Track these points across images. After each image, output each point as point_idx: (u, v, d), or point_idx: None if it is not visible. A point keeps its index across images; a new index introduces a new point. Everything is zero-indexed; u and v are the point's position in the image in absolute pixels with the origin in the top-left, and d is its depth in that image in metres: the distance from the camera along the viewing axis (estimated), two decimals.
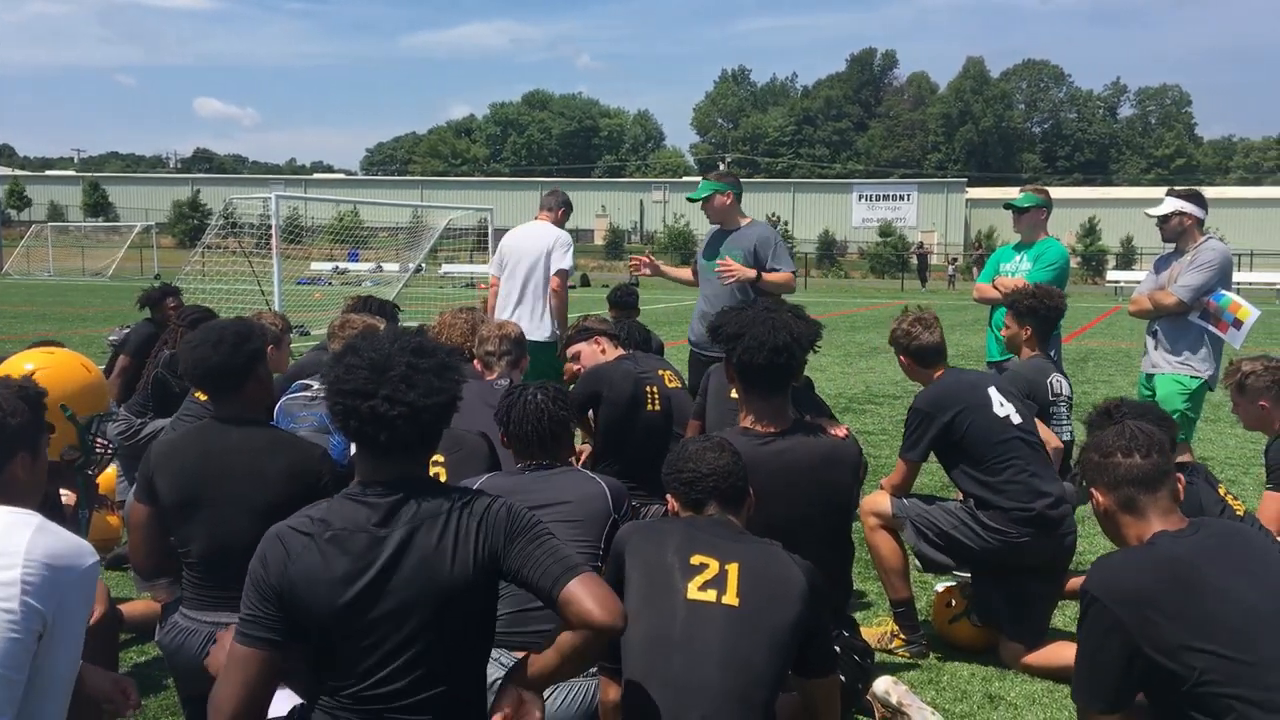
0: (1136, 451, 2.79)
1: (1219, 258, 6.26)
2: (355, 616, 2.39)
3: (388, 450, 2.46)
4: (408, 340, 2.50)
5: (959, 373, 4.85)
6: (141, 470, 3.46)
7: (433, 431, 2.53)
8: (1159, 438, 2.86)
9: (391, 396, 2.40)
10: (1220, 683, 2.50)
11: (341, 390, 2.44)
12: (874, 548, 4.92)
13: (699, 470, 2.92)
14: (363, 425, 2.43)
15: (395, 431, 2.42)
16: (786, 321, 3.43)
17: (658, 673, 2.66)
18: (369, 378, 2.41)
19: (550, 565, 2.42)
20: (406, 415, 2.41)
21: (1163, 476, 2.81)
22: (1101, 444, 2.86)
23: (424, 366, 2.45)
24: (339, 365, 2.47)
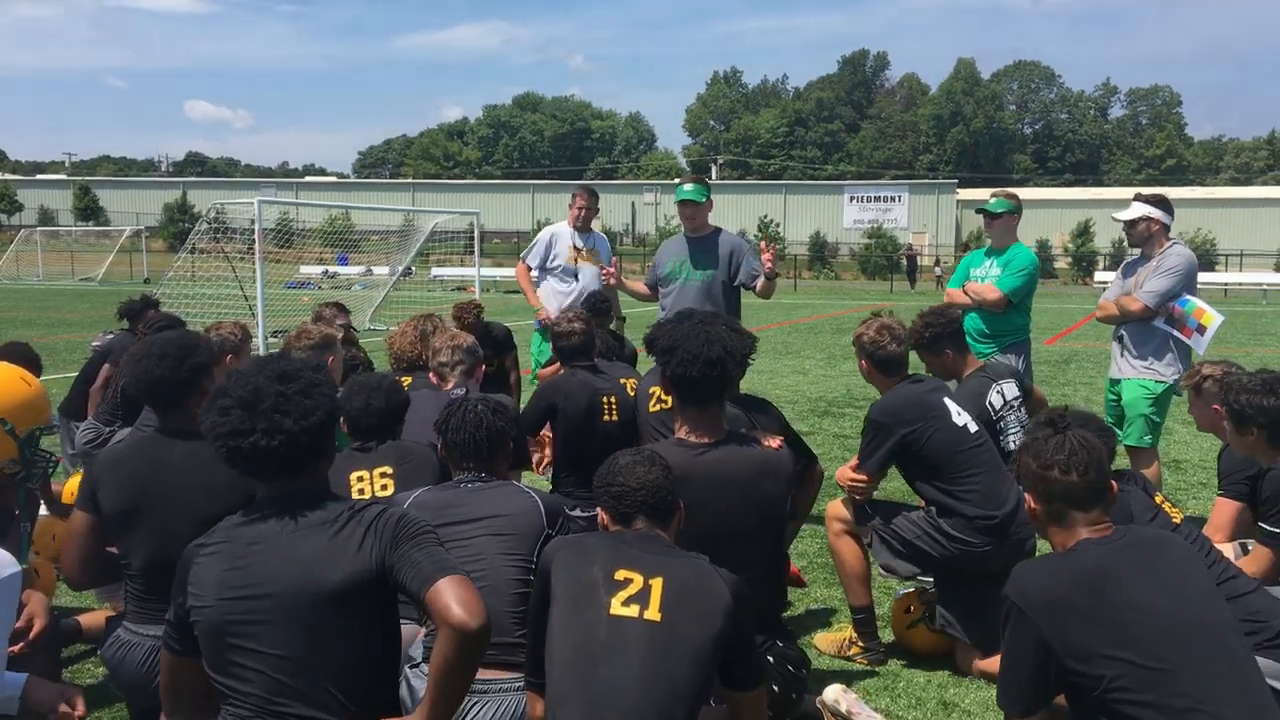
0: (1075, 470, 2.84)
1: (1184, 263, 6.30)
2: (233, 621, 2.47)
3: (279, 475, 2.57)
4: (273, 368, 2.58)
5: (914, 384, 4.86)
6: (85, 479, 3.47)
7: (320, 447, 2.61)
8: (1099, 455, 2.91)
9: (269, 429, 2.49)
10: (1131, 689, 2.58)
11: (220, 434, 2.53)
12: (836, 553, 4.93)
13: (628, 485, 2.93)
14: (249, 461, 2.53)
15: (280, 460, 2.53)
16: (720, 335, 3.44)
17: (580, 687, 2.67)
18: (243, 416, 2.50)
19: (424, 566, 2.45)
20: (287, 442, 2.51)
21: (1098, 495, 2.87)
22: (1041, 454, 2.90)
23: (293, 391, 2.54)
24: (213, 410, 2.56)
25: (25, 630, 3.15)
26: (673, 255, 6.81)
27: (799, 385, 13.94)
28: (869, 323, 4.93)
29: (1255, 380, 4.02)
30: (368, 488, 3.89)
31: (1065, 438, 2.90)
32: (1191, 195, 72.28)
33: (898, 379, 4.85)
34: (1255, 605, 3.34)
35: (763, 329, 24.07)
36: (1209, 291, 42.83)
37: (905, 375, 4.88)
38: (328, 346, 4.99)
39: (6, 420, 3.28)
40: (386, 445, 4.07)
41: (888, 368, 4.86)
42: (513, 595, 3.28)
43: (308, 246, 35.18)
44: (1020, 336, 6.78)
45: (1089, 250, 59.13)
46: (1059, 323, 26.24)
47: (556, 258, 8.46)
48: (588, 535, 3.07)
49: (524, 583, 3.29)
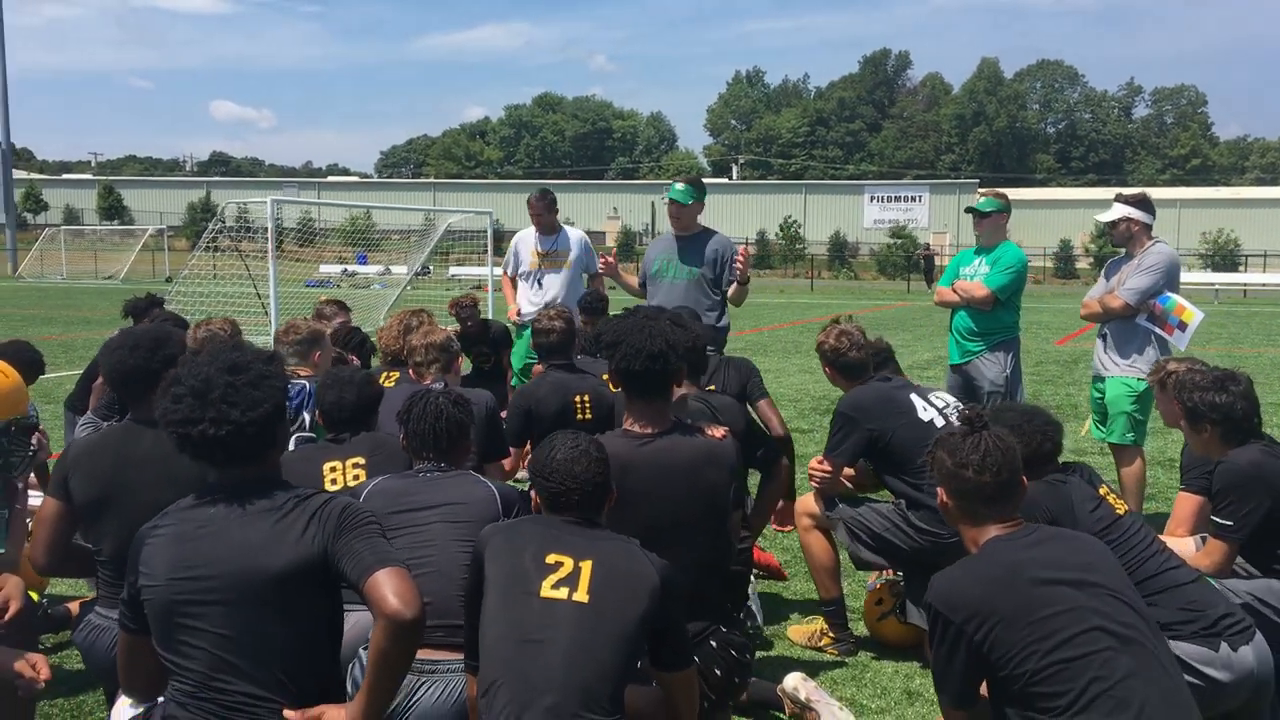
0: (988, 470, 2.95)
1: (1165, 261, 6.37)
2: (180, 601, 2.58)
3: (229, 463, 2.68)
4: (225, 359, 2.69)
5: (881, 382, 4.96)
6: (58, 467, 3.58)
7: (268, 438, 2.71)
8: (1013, 455, 3.01)
9: (216, 418, 2.60)
10: (1050, 681, 2.71)
11: (171, 421, 2.64)
12: (806, 547, 5.03)
13: (564, 484, 3.00)
14: (198, 449, 2.64)
15: (228, 449, 2.63)
16: (663, 329, 3.53)
17: (512, 668, 2.77)
18: (193, 405, 2.61)
19: (365, 556, 2.55)
20: (234, 432, 2.61)
21: (1008, 493, 2.99)
22: (956, 452, 3.01)
23: (242, 383, 2.64)
24: (166, 397, 2.66)
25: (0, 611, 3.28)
26: (660, 253, 6.85)
27: (805, 384, 14.01)
28: (829, 330, 5.05)
29: (1208, 377, 4.08)
30: (340, 477, 4.00)
31: (981, 437, 3.00)
32: (1216, 195, 71.80)
33: (860, 382, 4.94)
34: (1193, 595, 3.41)
35: (776, 328, 24.15)
36: (1230, 292, 42.56)
37: (869, 378, 4.97)
38: (315, 342, 5.11)
39: None
40: (360, 436, 4.18)
41: (850, 373, 4.99)
42: (463, 580, 3.36)
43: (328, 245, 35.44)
44: (1009, 335, 6.83)
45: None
46: (1074, 323, 26.10)
47: (521, 264, 8.52)
48: (521, 521, 3.16)
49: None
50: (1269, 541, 3.89)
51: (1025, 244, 7.11)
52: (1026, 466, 3.13)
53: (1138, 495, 6.45)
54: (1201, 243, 59.67)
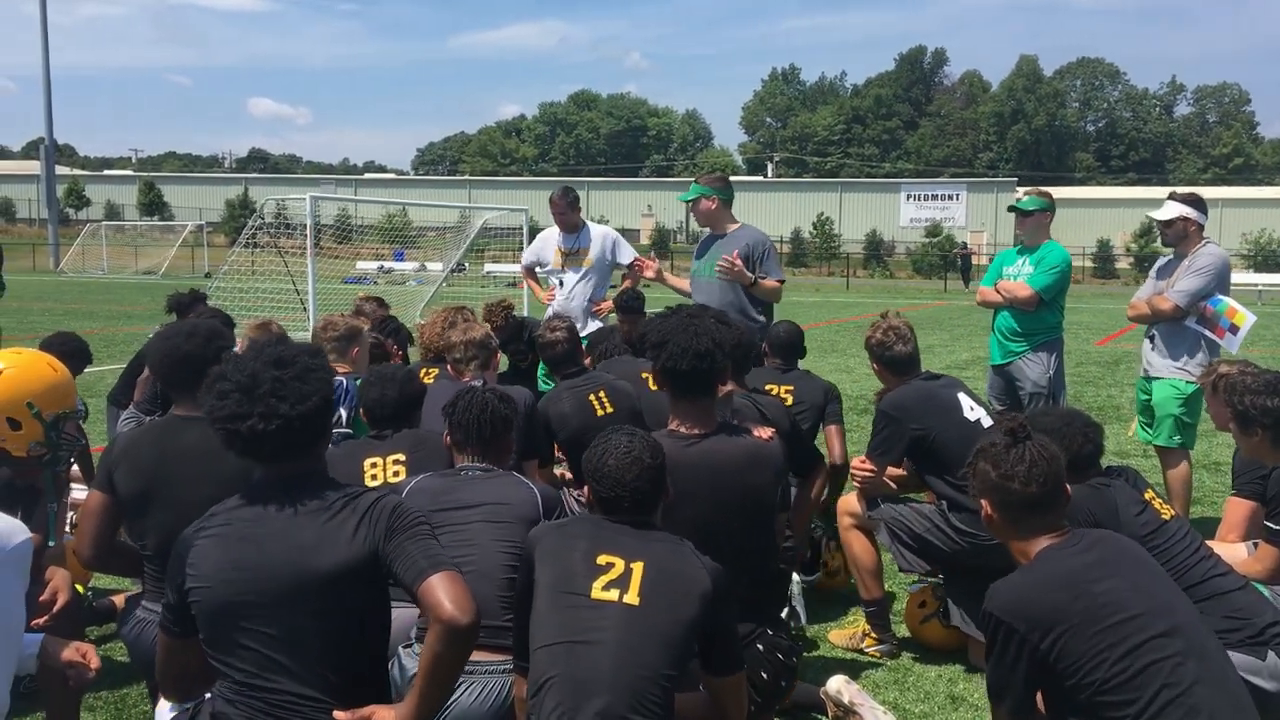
0: (1034, 481, 2.90)
1: (1216, 263, 6.25)
2: (231, 603, 2.55)
3: (276, 459, 2.64)
4: (269, 353, 2.66)
5: (927, 380, 4.91)
6: (104, 460, 3.59)
7: (316, 431, 2.68)
8: (1058, 465, 2.96)
9: (265, 413, 2.56)
10: (1117, 690, 2.65)
11: (218, 417, 2.61)
12: (847, 547, 4.98)
13: (615, 491, 2.95)
14: (247, 444, 2.61)
15: (277, 443, 2.59)
16: (709, 327, 3.49)
17: (561, 669, 2.75)
18: (240, 400, 2.58)
19: (418, 559, 2.52)
20: (283, 427, 2.58)
21: (1055, 503, 2.94)
22: (1001, 463, 2.96)
23: (289, 376, 2.61)
24: (212, 393, 2.63)
25: (49, 604, 3.29)
26: (699, 250, 6.89)
27: (841, 383, 13.77)
28: (876, 325, 4.98)
29: (1259, 381, 4.01)
30: (381, 474, 4.00)
31: (1025, 448, 2.94)
32: (1259, 195, 70.76)
33: (909, 378, 4.88)
34: (1239, 603, 3.35)
35: (811, 327, 24.02)
36: (1274, 293, 41.94)
37: (916, 374, 4.91)
38: (353, 338, 5.11)
39: (34, 404, 3.43)
40: (402, 433, 4.18)
41: (897, 368, 4.92)
42: (503, 580, 3.36)
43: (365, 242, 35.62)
44: (1053, 335, 6.74)
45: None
46: (1114, 323, 25.84)
47: (546, 263, 8.41)
48: (571, 520, 3.13)
49: (514, 568, 3.37)
50: None
51: (1064, 243, 6.98)
52: (1068, 470, 3.07)
53: (1184, 499, 6.34)
54: (1243, 243, 58.88)
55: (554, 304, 8.12)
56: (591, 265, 8.13)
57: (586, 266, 8.12)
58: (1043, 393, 6.60)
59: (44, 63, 49.61)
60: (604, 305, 8.18)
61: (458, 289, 27.87)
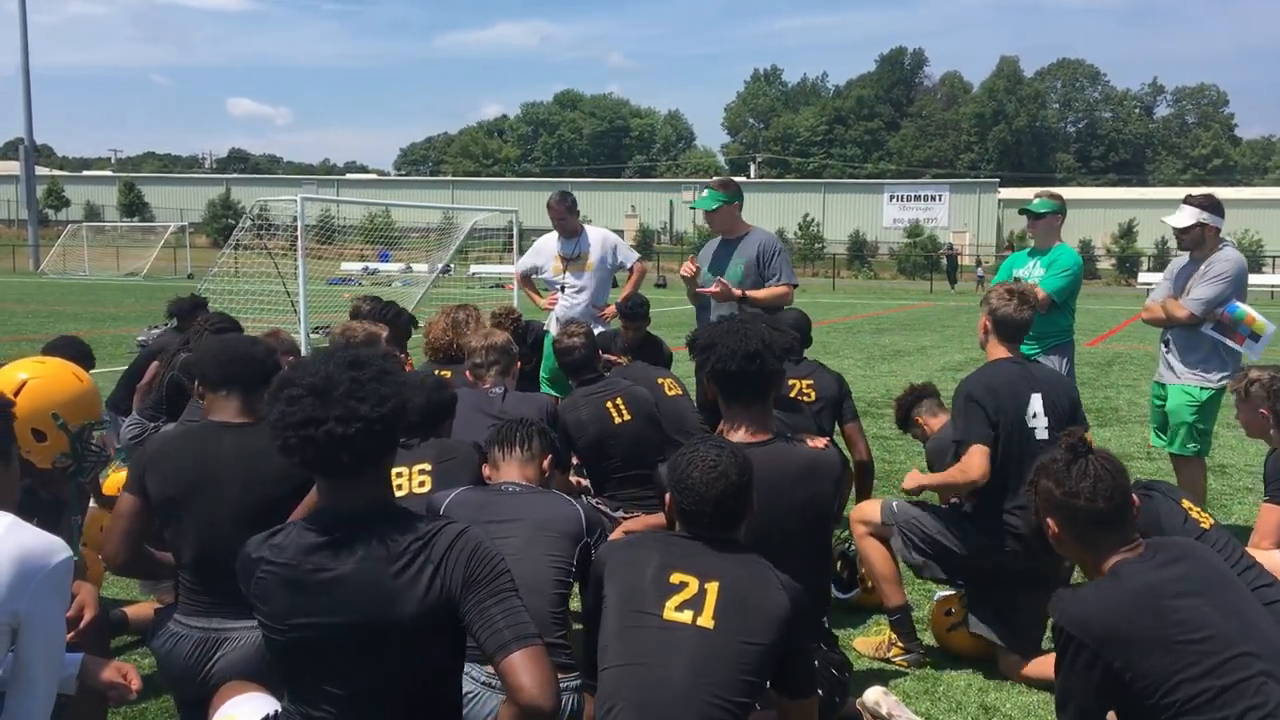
0: (1100, 497, 2.84)
1: (1233, 269, 6.14)
2: (301, 648, 2.42)
3: (349, 471, 2.42)
4: (342, 356, 2.46)
5: (1012, 365, 4.67)
6: (134, 464, 3.50)
7: (392, 439, 2.49)
8: (1123, 478, 2.91)
9: (343, 416, 2.35)
10: (1203, 709, 2.57)
11: (290, 424, 2.38)
12: (864, 556, 4.89)
13: (699, 506, 2.85)
14: (322, 452, 2.37)
15: (355, 450, 2.38)
16: (759, 330, 3.44)
17: (630, 693, 2.66)
18: (315, 404, 2.36)
19: (503, 629, 2.36)
20: (363, 430, 2.37)
21: (1123, 516, 2.88)
22: (1064, 480, 2.89)
23: (366, 378, 2.42)
24: (280, 400, 2.41)
25: (75, 619, 3.20)
26: (707, 259, 6.78)
27: None
28: (1002, 286, 4.81)
29: None
30: (405, 483, 3.92)
31: (1088, 463, 2.88)
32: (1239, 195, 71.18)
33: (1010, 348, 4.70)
34: None
35: None
36: (1254, 293, 42.20)
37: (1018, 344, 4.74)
38: (371, 345, 5.01)
39: (59, 415, 3.34)
40: (429, 442, 4.10)
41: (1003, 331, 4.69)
42: (554, 595, 3.30)
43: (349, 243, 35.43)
44: (1064, 338, 6.70)
45: (1133, 251, 58.43)
46: (1102, 324, 25.96)
47: (544, 270, 8.22)
48: (643, 535, 3.04)
49: (563, 583, 3.31)
50: None
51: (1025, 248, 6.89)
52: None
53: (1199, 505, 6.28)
54: None
55: (557, 309, 8.03)
56: (593, 269, 8.03)
57: (588, 271, 8.01)
58: None
59: (23, 62, 49.22)
60: (608, 310, 8.09)
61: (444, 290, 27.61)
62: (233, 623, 3.34)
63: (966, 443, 4.47)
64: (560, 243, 8.12)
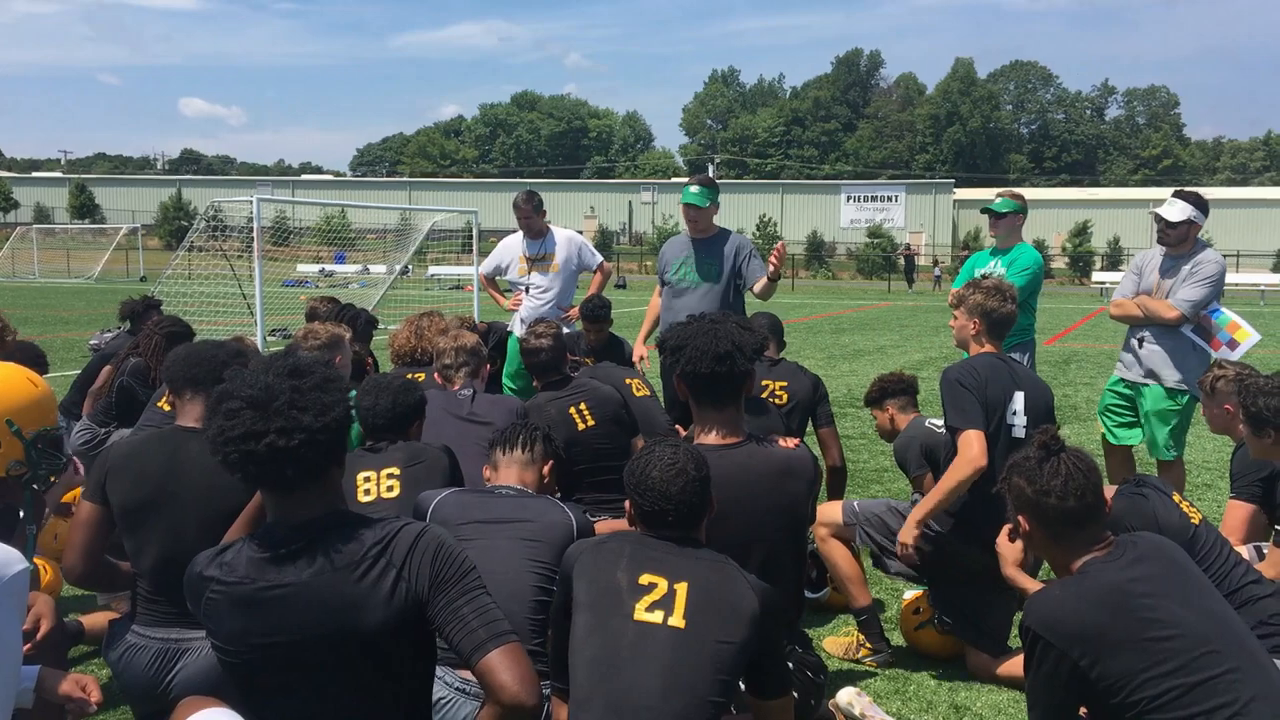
0: (1072, 495, 2.84)
1: (1218, 272, 6.09)
2: (259, 668, 2.34)
3: (295, 484, 2.33)
4: (282, 364, 2.37)
5: (997, 358, 4.63)
6: (95, 470, 3.42)
7: (338, 448, 2.40)
8: (1095, 476, 2.90)
9: (285, 428, 2.27)
10: (1171, 706, 2.58)
11: (230, 439, 2.28)
12: (828, 558, 4.88)
13: (659, 505, 2.82)
14: (263, 467, 2.28)
15: (300, 462, 2.29)
16: (730, 331, 3.40)
17: (602, 694, 2.63)
18: (254, 417, 2.27)
19: (477, 629, 2.31)
20: (306, 441, 2.28)
21: (1095, 515, 2.88)
22: (1036, 479, 2.89)
23: (308, 386, 2.33)
24: (219, 414, 2.31)
25: (32, 632, 3.11)
26: (677, 257, 6.71)
27: None
28: (982, 283, 4.72)
29: (1272, 382, 4.01)
30: (374, 488, 3.84)
31: (1060, 461, 2.88)
32: None
33: (997, 345, 4.67)
34: (1274, 608, 3.33)
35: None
36: None
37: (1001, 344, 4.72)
38: (336, 345, 4.94)
39: (13, 421, 3.23)
40: (397, 445, 4.02)
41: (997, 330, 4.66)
42: (533, 602, 3.26)
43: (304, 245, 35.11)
44: (1026, 336, 6.73)
45: (1086, 250, 59.17)
46: (1058, 323, 26.24)
47: (509, 271, 8.15)
48: (611, 537, 2.99)
49: (545, 590, 3.25)
50: None
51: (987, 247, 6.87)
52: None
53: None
54: None
55: (522, 310, 7.96)
56: (559, 270, 7.97)
57: (554, 272, 7.95)
58: None
59: None
60: (573, 311, 8.05)
61: (402, 291, 27.47)
62: (194, 632, 3.26)
63: (961, 429, 4.36)
64: (526, 243, 8.04)
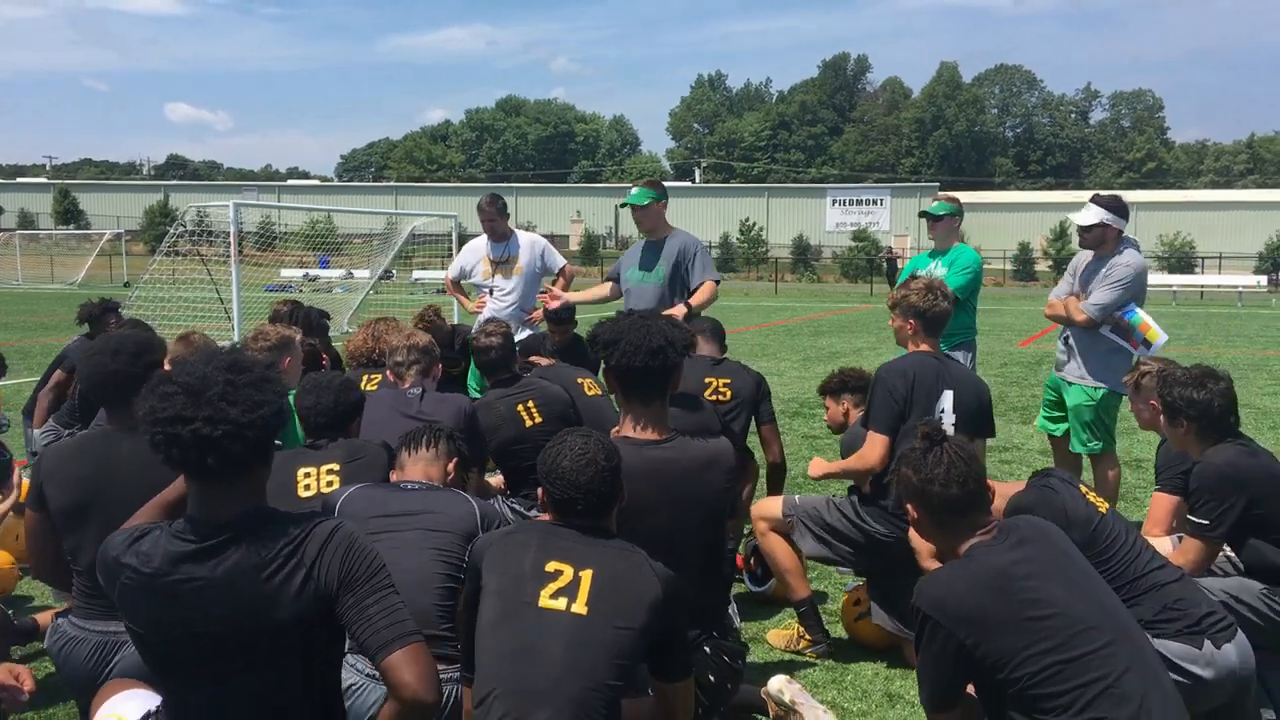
0: (954, 483, 2.97)
1: (1132, 275, 6.28)
2: (171, 655, 2.43)
3: (217, 475, 2.38)
4: (222, 359, 2.44)
5: (931, 357, 4.77)
6: (33, 477, 3.51)
7: (264, 447, 2.46)
8: (976, 464, 3.04)
9: (213, 417, 2.32)
10: (1049, 683, 2.72)
11: (159, 419, 2.34)
12: (767, 551, 4.99)
13: (569, 493, 2.92)
14: (187, 452, 2.34)
15: (222, 453, 2.34)
16: (660, 326, 3.51)
17: (507, 679, 2.72)
18: (186, 402, 2.33)
19: (383, 629, 2.39)
20: (231, 434, 2.33)
21: (978, 502, 3.01)
22: (920, 468, 3.03)
23: (243, 382, 2.38)
24: (154, 395, 2.38)
25: None
26: (631, 259, 6.87)
27: (772, 386, 13.98)
28: (913, 284, 4.85)
29: (1188, 374, 4.12)
30: (314, 484, 3.93)
31: (943, 451, 3.02)
32: (1172, 198, 72.81)
33: (933, 343, 4.81)
34: (1178, 594, 3.43)
35: (741, 331, 24.17)
36: (1185, 293, 43.15)
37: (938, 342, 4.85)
38: (285, 347, 5.02)
39: None
40: (337, 442, 4.12)
41: (933, 328, 4.80)
42: (441, 590, 3.35)
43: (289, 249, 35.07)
44: (968, 335, 6.88)
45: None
46: (1034, 325, 26.34)
47: (474, 274, 8.31)
48: (519, 528, 3.10)
49: (452, 578, 3.35)
50: (1247, 538, 3.93)
51: (984, 247, 7.07)
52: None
53: (1113, 499, 6.46)
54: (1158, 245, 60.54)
55: (485, 312, 8.08)
56: (522, 273, 8.10)
57: (517, 275, 8.09)
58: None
59: None
60: (536, 313, 8.17)
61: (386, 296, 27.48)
62: None
63: (870, 429, 4.61)
64: (490, 246, 8.19)
